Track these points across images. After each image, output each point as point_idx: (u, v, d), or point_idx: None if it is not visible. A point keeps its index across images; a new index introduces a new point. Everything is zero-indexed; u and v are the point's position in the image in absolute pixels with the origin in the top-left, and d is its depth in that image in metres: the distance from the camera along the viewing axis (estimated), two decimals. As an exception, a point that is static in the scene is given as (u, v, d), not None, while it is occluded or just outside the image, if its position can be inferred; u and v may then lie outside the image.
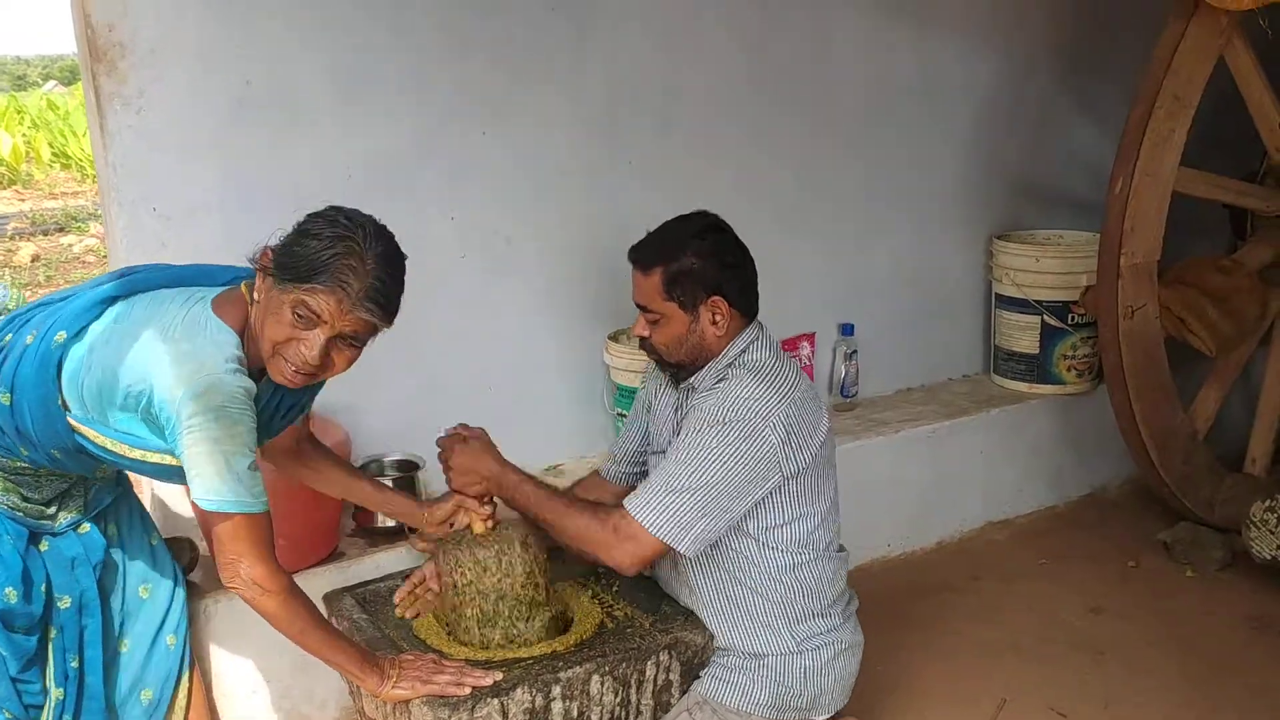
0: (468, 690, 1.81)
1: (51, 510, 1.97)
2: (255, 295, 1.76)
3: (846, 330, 3.58)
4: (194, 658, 2.24)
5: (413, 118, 2.76)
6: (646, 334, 2.10)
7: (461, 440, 2.10)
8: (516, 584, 2.01)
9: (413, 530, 2.28)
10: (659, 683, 2.00)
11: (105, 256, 2.47)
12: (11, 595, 1.88)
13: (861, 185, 3.59)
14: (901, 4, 3.52)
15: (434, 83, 2.77)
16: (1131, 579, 3.36)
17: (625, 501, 1.97)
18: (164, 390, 1.66)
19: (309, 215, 1.76)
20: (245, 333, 1.77)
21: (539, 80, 2.92)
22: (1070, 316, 3.69)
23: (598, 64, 3.00)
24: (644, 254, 2.07)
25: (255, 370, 1.77)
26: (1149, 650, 2.93)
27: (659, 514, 1.92)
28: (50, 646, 1.97)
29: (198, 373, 1.66)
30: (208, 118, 2.50)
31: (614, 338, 3.10)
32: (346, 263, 1.68)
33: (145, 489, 2.58)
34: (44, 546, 1.97)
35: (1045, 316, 3.70)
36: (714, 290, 2.05)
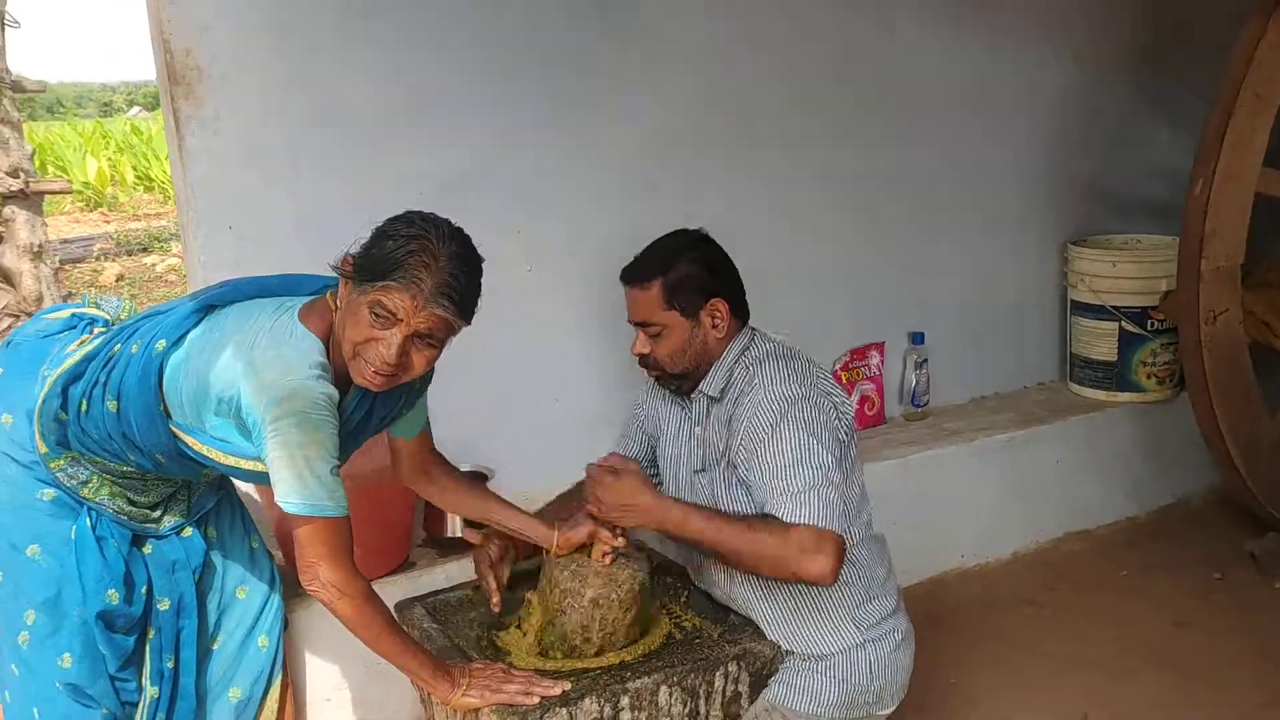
0: (536, 700, 1.82)
1: (156, 514, 2.03)
2: (338, 302, 1.80)
3: (917, 339, 3.54)
4: (286, 663, 2.28)
5: (478, 134, 2.80)
6: (648, 350, 2.14)
7: (613, 473, 2.03)
8: (614, 620, 2.00)
9: (470, 525, 2.29)
10: (727, 694, 1.98)
11: (186, 275, 2.55)
12: (114, 597, 1.95)
13: (931, 192, 3.55)
14: (970, 9, 3.48)
15: (499, 99, 2.80)
16: (1217, 592, 3.25)
17: (788, 517, 1.91)
18: (250, 396, 1.70)
19: (388, 219, 1.79)
20: (330, 340, 1.81)
21: (605, 92, 2.94)
22: (1149, 323, 3.60)
23: (650, 80, 3.01)
24: (640, 270, 2.12)
25: (341, 377, 1.81)
26: (1235, 668, 2.84)
27: (824, 513, 1.90)
28: (148, 646, 2.03)
29: (281, 379, 1.70)
30: (280, 138, 2.56)
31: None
32: (420, 260, 1.70)
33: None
34: (147, 549, 2.04)
35: (1123, 323, 3.62)
36: (712, 294, 2.11)
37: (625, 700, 1.86)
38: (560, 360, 3.03)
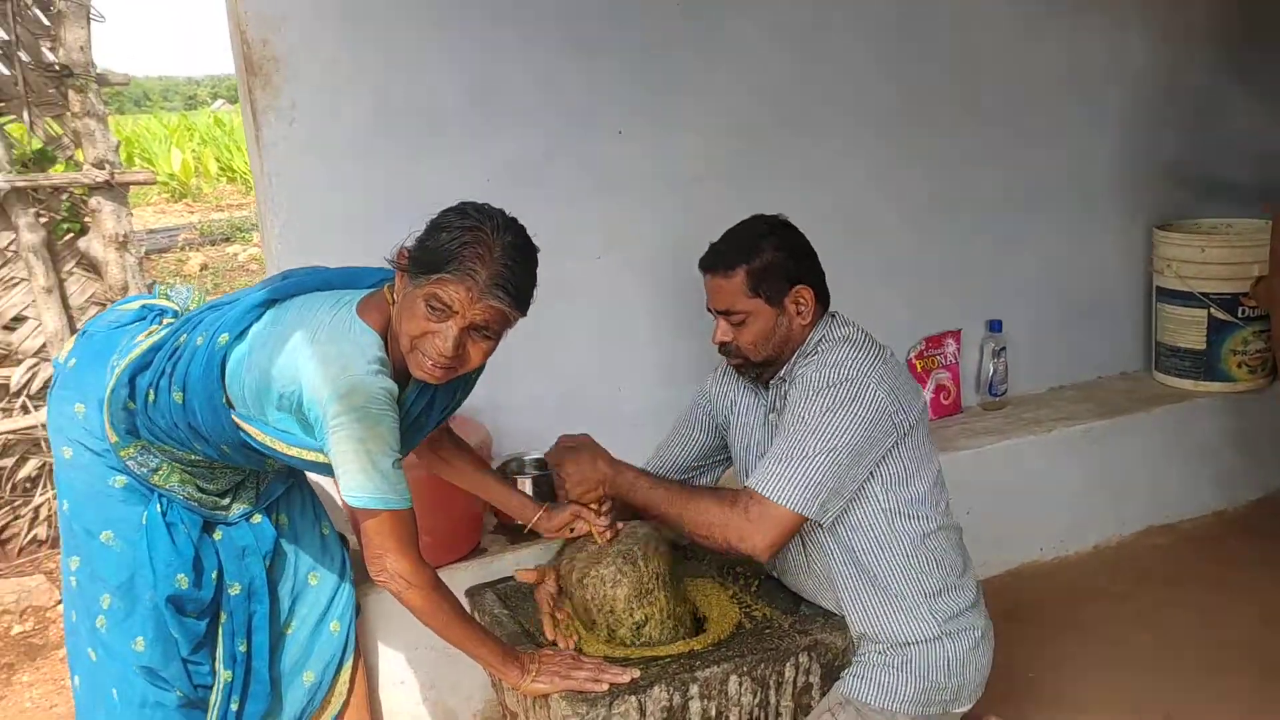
0: (605, 686, 1.82)
1: (226, 501, 2.08)
2: (395, 296, 1.81)
3: (994, 326, 3.46)
4: (359, 649, 2.32)
5: (547, 122, 2.80)
6: (729, 338, 2.11)
7: (570, 450, 2.09)
8: (664, 578, 2.00)
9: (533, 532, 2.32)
10: (799, 685, 1.96)
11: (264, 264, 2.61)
12: (183, 581, 2.00)
13: (1009, 176, 3.46)
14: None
15: (567, 87, 2.80)
16: (1308, 589, 3.13)
17: (749, 482, 1.96)
18: (311, 391, 1.72)
19: (442, 211, 1.79)
20: (388, 334, 1.82)
21: (671, 82, 2.92)
22: (1240, 309, 3.48)
23: (729, 64, 2.98)
24: (722, 258, 2.09)
25: (400, 371, 1.82)
26: (1331, 667, 2.73)
27: (786, 485, 1.91)
28: (220, 630, 2.09)
29: (341, 374, 1.72)
30: (353, 128, 2.59)
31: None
32: (474, 251, 1.70)
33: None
34: (218, 535, 2.08)
35: (1212, 310, 3.49)
36: (796, 280, 2.08)
37: (694, 689, 1.85)
38: (629, 349, 3.02)
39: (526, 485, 2.69)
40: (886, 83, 3.20)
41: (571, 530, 2.15)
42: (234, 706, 2.08)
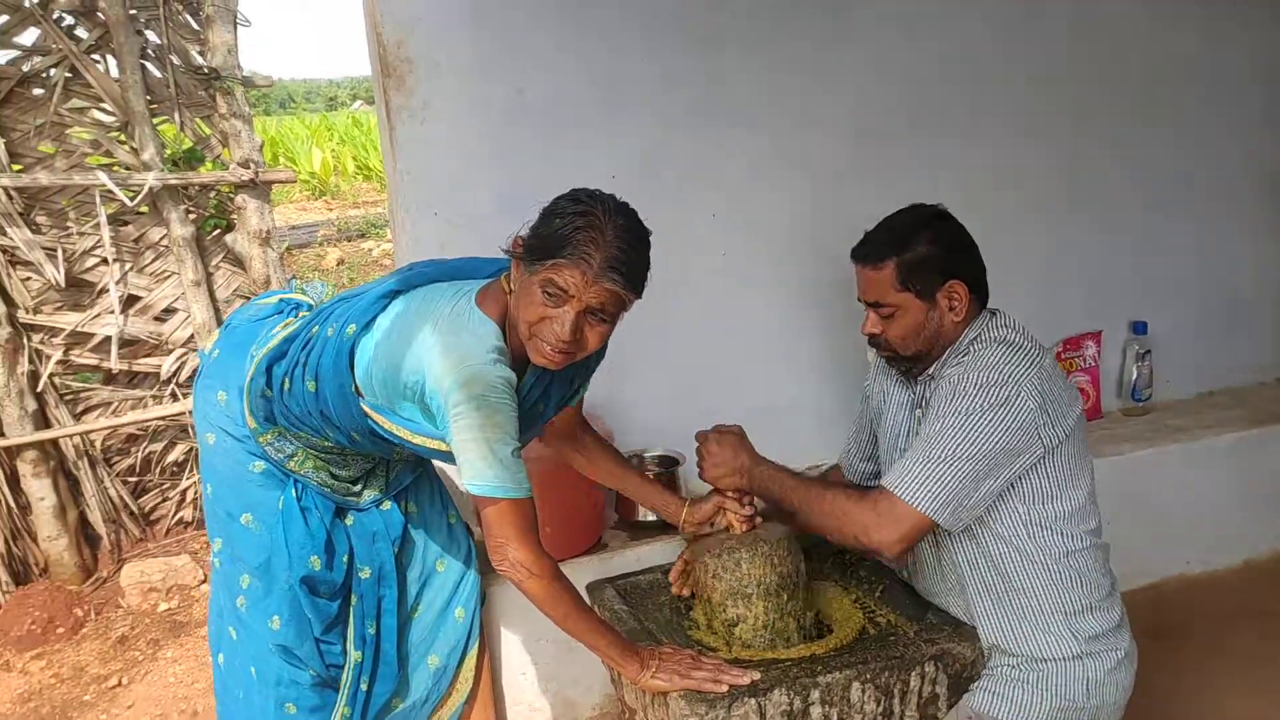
0: (724, 687, 1.80)
1: (357, 488, 2.15)
2: (511, 285, 1.83)
3: (1139, 328, 3.30)
4: (484, 637, 2.36)
5: (672, 117, 2.79)
6: (879, 330, 2.04)
7: (718, 434, 2.11)
8: (767, 587, 1.98)
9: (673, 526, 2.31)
10: (924, 695, 1.90)
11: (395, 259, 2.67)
12: (316, 563, 2.07)
13: (1152, 171, 3.31)
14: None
15: (692, 82, 2.78)
16: None
17: (883, 479, 1.91)
18: (433, 380, 1.75)
19: (555, 198, 1.81)
20: (505, 323, 1.84)
21: (797, 74, 2.87)
22: None
23: (855, 55, 2.92)
24: (873, 249, 2.02)
25: (520, 360, 1.84)
26: None
27: (919, 486, 1.85)
28: (351, 612, 2.15)
29: (461, 364, 1.74)
30: (484, 126, 2.63)
31: (879, 335, 3.00)
32: (588, 235, 1.70)
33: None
34: (349, 521, 2.15)
35: (1380, 312, 3.26)
36: (950, 274, 1.99)
37: (815, 694, 1.81)
38: (754, 346, 2.99)
39: (648, 482, 2.70)
40: (1019, 75, 3.10)
41: (712, 525, 2.14)
42: (363, 686, 2.15)
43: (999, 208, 3.11)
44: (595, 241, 1.70)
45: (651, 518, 2.70)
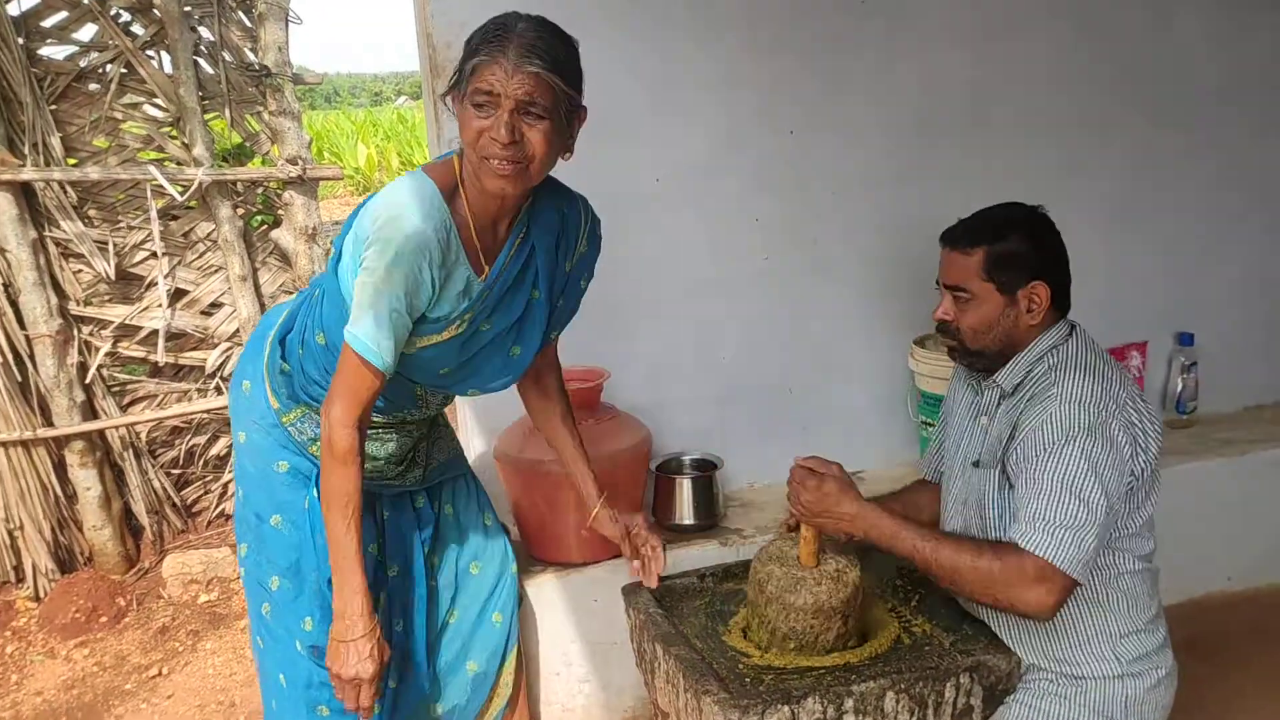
0: (352, 705, 1.86)
1: (389, 468, 2.12)
2: (462, 160, 1.81)
3: (1185, 340, 3.26)
4: (520, 641, 2.36)
5: (718, 121, 2.79)
6: (950, 316, 2.00)
7: (816, 476, 1.97)
8: (823, 609, 1.94)
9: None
10: (959, 706, 1.89)
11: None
12: None
13: (1207, 180, 3.26)
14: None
15: (738, 86, 2.78)
16: None
17: (1020, 539, 1.81)
18: (362, 229, 1.77)
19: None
20: (456, 195, 1.82)
21: (846, 81, 2.87)
22: None
23: (907, 62, 2.91)
24: (965, 234, 1.98)
25: (485, 235, 1.85)
26: None
27: (1064, 551, 1.78)
28: (378, 611, 2.11)
29: (388, 208, 1.75)
30: (530, 127, 2.63)
31: (919, 343, 2.98)
32: (498, 35, 1.70)
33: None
34: (384, 513, 2.15)
35: None
36: (1037, 275, 1.95)
37: (849, 703, 1.81)
38: (796, 351, 2.98)
39: (685, 485, 2.71)
40: (1075, 76, 3.07)
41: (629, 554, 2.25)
42: (392, 684, 2.14)
43: (1051, 213, 3.08)
44: (506, 37, 1.68)
45: (689, 520, 2.70)
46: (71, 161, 3.56)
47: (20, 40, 3.41)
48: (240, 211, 3.78)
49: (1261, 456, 3.13)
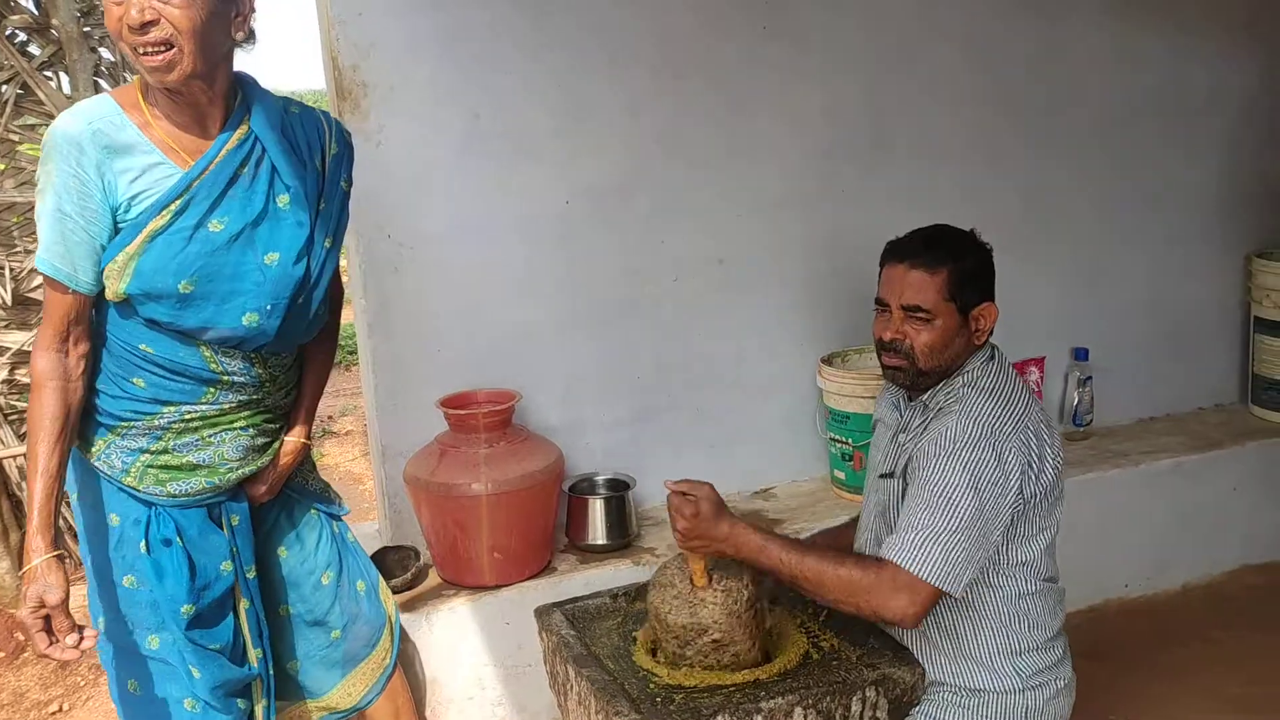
0: (44, 646, 1.69)
1: (216, 460, 1.94)
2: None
3: (1080, 355, 3.38)
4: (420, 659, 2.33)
5: (628, 144, 2.82)
6: (904, 336, 1.96)
7: (689, 502, 1.92)
8: (754, 634, 1.96)
9: None
10: (865, 719, 1.93)
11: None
12: (187, 611, 1.90)
13: (1100, 201, 3.39)
14: (1146, 9, 3.30)
15: (647, 110, 2.81)
16: None
17: (887, 551, 1.85)
18: None
19: None
20: (141, 101, 1.78)
21: (752, 104, 2.92)
22: (1343, 342, 3.34)
23: (810, 87, 2.97)
24: (930, 251, 1.95)
25: (192, 150, 1.79)
26: None
27: (928, 561, 1.81)
28: (244, 620, 2.01)
29: (49, 128, 1.72)
30: (440, 151, 2.64)
31: (827, 361, 3.04)
32: None
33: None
34: (234, 520, 1.99)
35: (1313, 342, 3.36)
36: (987, 296, 1.98)
37: (759, 719, 1.83)
38: (705, 371, 3.01)
39: (597, 505, 2.72)
40: (975, 103, 3.17)
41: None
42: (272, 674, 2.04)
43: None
44: None
45: (602, 540, 2.71)
46: (-36, 184, 3.45)
47: (-91, 59, 3.31)
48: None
49: (1154, 466, 3.25)
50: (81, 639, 1.70)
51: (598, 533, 2.71)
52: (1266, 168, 3.58)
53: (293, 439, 2.08)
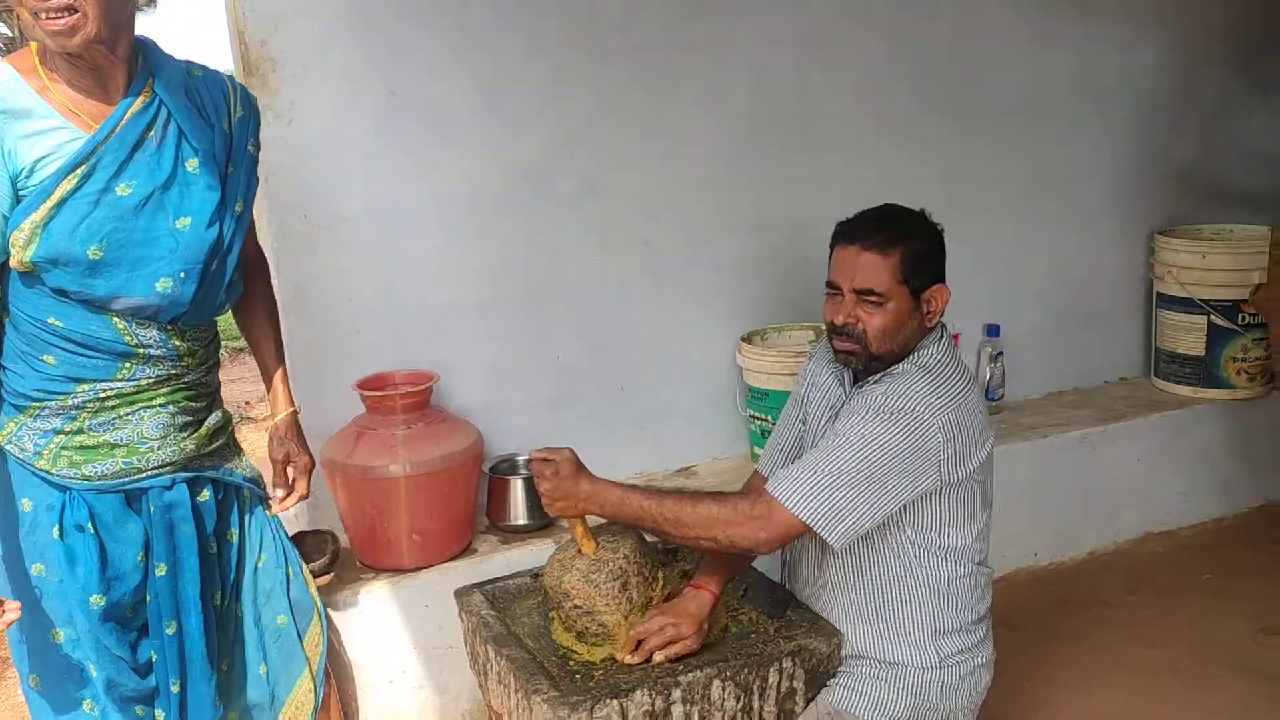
0: None
1: (118, 447, 1.88)
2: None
3: (992, 331, 3.45)
4: (338, 647, 2.30)
5: (552, 125, 2.80)
6: (855, 320, 1.93)
7: (548, 464, 1.91)
8: (616, 604, 1.97)
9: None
10: (782, 690, 1.96)
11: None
12: (98, 601, 1.87)
13: (1010, 181, 3.47)
14: (1058, -6, 3.38)
15: (573, 90, 2.80)
16: (1307, 598, 3.12)
17: (769, 485, 1.86)
18: None
19: None
20: (39, 66, 1.75)
21: (678, 84, 2.93)
22: (1240, 316, 3.47)
23: (736, 66, 2.99)
24: (881, 233, 1.92)
25: (94, 114, 1.76)
26: (1325, 677, 2.72)
27: (807, 497, 1.81)
28: (148, 614, 1.95)
29: None
30: (355, 129, 2.60)
31: (747, 339, 3.07)
32: None
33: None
34: (151, 508, 1.92)
35: (1212, 316, 3.48)
36: (937, 278, 1.97)
37: (677, 693, 1.85)
38: (628, 350, 3.02)
39: (518, 485, 2.72)
40: (894, 85, 3.22)
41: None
42: (174, 689, 1.96)
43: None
44: None
45: (523, 520, 2.71)
46: None
47: None
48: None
49: (1063, 438, 3.34)
50: (3, 612, 1.65)
51: (518, 513, 2.71)
52: (1170, 148, 3.69)
53: (284, 413, 2.14)
